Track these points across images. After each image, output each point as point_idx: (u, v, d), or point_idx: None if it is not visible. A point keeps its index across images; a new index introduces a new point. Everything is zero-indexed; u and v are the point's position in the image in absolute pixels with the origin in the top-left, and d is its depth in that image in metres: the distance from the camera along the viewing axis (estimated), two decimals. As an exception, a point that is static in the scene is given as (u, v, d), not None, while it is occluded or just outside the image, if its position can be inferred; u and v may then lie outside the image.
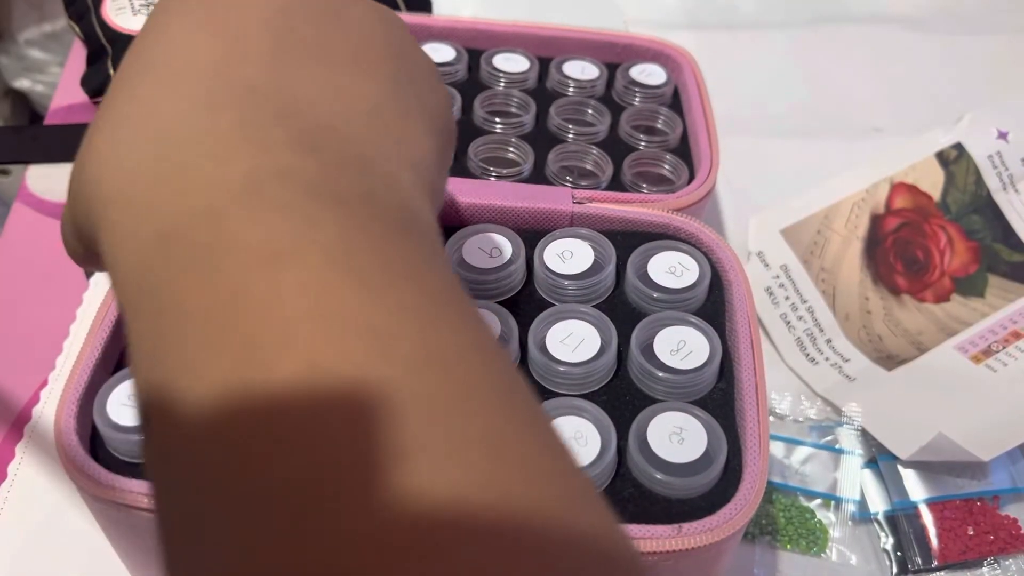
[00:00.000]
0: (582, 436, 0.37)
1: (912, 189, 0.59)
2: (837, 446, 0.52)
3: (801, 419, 0.53)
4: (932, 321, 0.55)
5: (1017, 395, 0.50)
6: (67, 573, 0.47)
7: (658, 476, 0.36)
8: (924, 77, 0.76)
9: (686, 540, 0.34)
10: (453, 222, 0.47)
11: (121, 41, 0.69)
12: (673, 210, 0.48)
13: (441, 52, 0.60)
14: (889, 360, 0.54)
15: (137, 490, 0.34)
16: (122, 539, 0.38)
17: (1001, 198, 0.57)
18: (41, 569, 0.47)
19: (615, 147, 0.55)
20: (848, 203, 0.60)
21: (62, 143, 0.69)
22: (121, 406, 0.36)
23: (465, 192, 0.47)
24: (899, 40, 0.79)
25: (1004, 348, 0.53)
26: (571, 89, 0.59)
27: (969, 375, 0.52)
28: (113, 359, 0.40)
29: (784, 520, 0.50)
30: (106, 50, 0.69)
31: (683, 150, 0.55)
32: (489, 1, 0.80)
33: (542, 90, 0.60)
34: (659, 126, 0.57)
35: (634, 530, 0.34)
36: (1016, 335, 0.53)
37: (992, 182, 0.57)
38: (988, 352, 0.53)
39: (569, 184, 0.51)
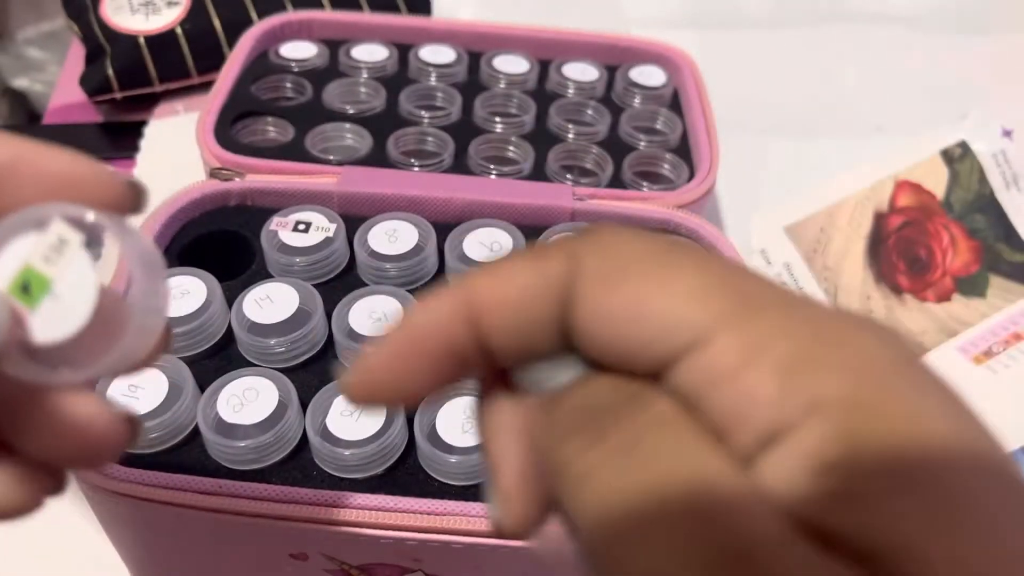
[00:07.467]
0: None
1: (916, 187, 0.59)
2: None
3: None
4: (933, 321, 0.55)
5: (1018, 397, 0.50)
6: (66, 567, 0.46)
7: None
8: (926, 76, 0.76)
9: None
10: (453, 218, 0.47)
11: (119, 40, 0.68)
12: (674, 207, 0.48)
13: (441, 54, 0.60)
14: (890, 361, 0.54)
15: (134, 480, 0.33)
16: (118, 530, 0.38)
17: (1004, 197, 0.57)
18: (40, 564, 0.46)
19: (615, 147, 0.54)
20: (852, 200, 0.60)
21: (60, 143, 0.68)
22: (121, 396, 0.36)
23: (466, 189, 0.47)
24: (901, 39, 0.79)
25: (1005, 350, 0.52)
26: (571, 90, 0.59)
27: (970, 376, 0.52)
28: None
29: None
30: (104, 49, 0.69)
31: (683, 150, 0.55)
32: (487, 2, 0.80)
33: (542, 91, 0.60)
34: (659, 126, 0.57)
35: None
36: (1017, 337, 0.53)
37: (995, 180, 0.57)
38: (989, 353, 0.53)
39: (570, 182, 0.51)
